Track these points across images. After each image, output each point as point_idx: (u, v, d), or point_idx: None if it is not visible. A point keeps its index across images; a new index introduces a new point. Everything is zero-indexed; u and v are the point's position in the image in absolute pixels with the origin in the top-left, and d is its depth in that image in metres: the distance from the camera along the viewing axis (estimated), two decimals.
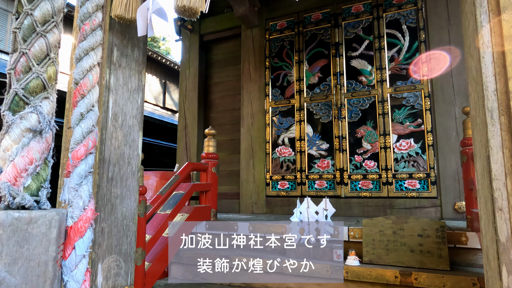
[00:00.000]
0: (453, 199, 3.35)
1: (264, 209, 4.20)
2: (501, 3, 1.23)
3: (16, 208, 0.51)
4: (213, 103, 5.04)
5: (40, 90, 0.55)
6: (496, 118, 1.22)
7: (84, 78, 0.68)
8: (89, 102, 0.69)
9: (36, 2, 0.56)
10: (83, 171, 0.66)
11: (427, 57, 3.61)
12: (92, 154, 0.68)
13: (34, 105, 0.53)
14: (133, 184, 2.21)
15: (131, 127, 2.26)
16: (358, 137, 3.87)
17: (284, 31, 4.48)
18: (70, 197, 0.64)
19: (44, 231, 0.51)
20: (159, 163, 9.81)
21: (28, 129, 0.52)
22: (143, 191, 2.40)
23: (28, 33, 0.55)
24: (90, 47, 0.70)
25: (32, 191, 0.53)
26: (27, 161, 0.52)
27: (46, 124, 0.53)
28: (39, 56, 0.55)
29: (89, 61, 0.70)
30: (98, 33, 0.73)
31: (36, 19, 0.55)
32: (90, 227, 0.64)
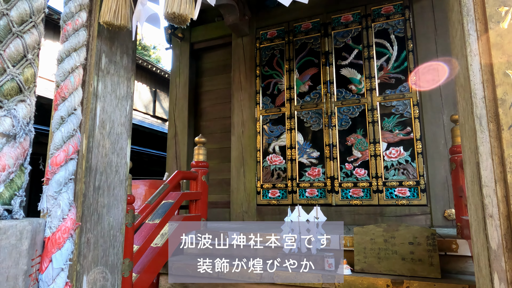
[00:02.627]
0: (443, 207, 3.37)
1: (255, 217, 4.15)
2: (488, 12, 1.24)
3: None
4: (204, 111, 5.01)
5: (15, 93, 0.52)
6: (485, 124, 1.22)
7: (65, 80, 0.66)
8: (70, 105, 0.66)
9: (12, 1, 0.54)
10: (63, 178, 0.62)
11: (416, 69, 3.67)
12: (73, 160, 0.64)
13: (8, 109, 0.50)
14: (120, 193, 2.16)
15: (119, 135, 2.22)
16: (348, 145, 3.88)
17: (274, 40, 4.50)
18: (49, 206, 0.60)
19: (14, 242, 0.47)
20: (149, 171, 9.69)
21: (1, 133, 0.49)
22: (131, 200, 2.35)
23: (4, 33, 0.52)
24: (72, 48, 0.68)
25: (4, 199, 0.49)
26: (0, 168, 0.49)
27: (20, 128, 0.50)
28: (15, 57, 0.52)
29: (70, 63, 0.67)
30: (81, 34, 0.71)
31: (12, 19, 0.53)
32: (70, 238, 0.60)
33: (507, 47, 1.20)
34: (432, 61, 3.59)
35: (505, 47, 1.20)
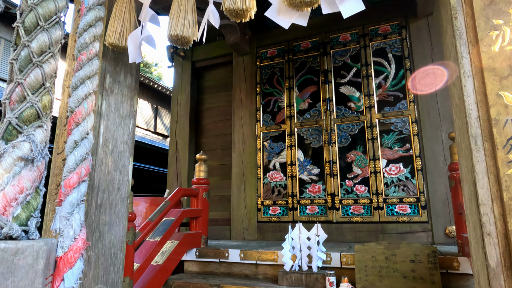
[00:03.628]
0: (444, 224, 3.36)
1: (255, 235, 4.14)
2: (479, 36, 1.30)
3: (3, 238, 0.50)
4: (205, 128, 5.06)
5: (34, 119, 0.55)
6: (480, 144, 1.26)
7: (79, 107, 0.69)
8: (84, 130, 0.69)
9: (33, 34, 0.58)
10: (75, 199, 0.65)
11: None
12: (85, 182, 0.67)
13: (27, 134, 0.54)
14: (122, 211, 2.18)
15: (122, 153, 2.25)
16: (348, 162, 3.91)
17: (274, 59, 4.59)
18: (61, 226, 0.63)
19: (31, 262, 0.50)
20: (149, 188, 9.67)
21: (20, 157, 0.52)
22: (132, 218, 2.36)
23: (25, 63, 0.56)
24: (86, 76, 0.72)
25: (21, 220, 0.52)
26: (18, 190, 0.52)
27: (38, 152, 0.54)
28: (35, 85, 0.56)
29: (84, 90, 0.71)
30: (95, 62, 0.75)
31: (33, 50, 0.57)
32: (80, 257, 0.62)
33: (499, 69, 1.24)
34: (429, 80, 3.66)
35: (497, 69, 1.25)
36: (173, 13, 1.97)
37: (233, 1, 1.81)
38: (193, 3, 2.01)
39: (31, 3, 0.59)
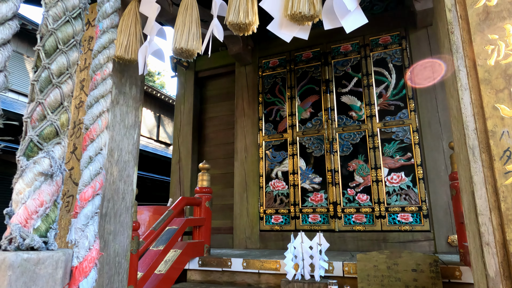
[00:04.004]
0: (446, 233, 3.37)
1: (258, 244, 4.14)
2: (475, 50, 1.34)
3: (25, 249, 0.53)
4: (207, 137, 5.10)
5: (53, 136, 0.59)
6: (478, 155, 1.29)
7: (94, 124, 0.73)
8: (98, 146, 0.73)
9: (53, 56, 0.62)
10: (90, 212, 0.69)
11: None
12: (99, 195, 0.71)
13: (47, 151, 0.58)
14: (126, 220, 2.21)
15: (127, 163, 2.29)
16: (350, 170, 3.93)
17: (276, 69, 4.66)
18: (77, 237, 0.66)
19: (51, 271, 0.53)
20: (152, 196, 9.70)
21: (40, 173, 0.56)
22: (136, 227, 2.39)
23: (45, 84, 0.60)
24: (100, 95, 0.76)
25: (41, 232, 0.55)
26: (38, 204, 0.55)
27: (57, 168, 0.57)
28: (54, 105, 0.60)
29: (99, 108, 0.75)
30: (108, 82, 0.79)
31: (53, 72, 0.61)
32: (94, 267, 0.65)
33: (495, 83, 1.28)
34: (429, 89, 3.70)
35: (493, 82, 1.29)
36: (178, 27, 2.03)
37: (236, 15, 1.87)
38: (197, 17, 2.07)
39: (51, 28, 0.63)
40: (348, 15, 1.77)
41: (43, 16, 0.66)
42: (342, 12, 1.75)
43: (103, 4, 0.84)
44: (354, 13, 1.77)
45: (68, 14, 0.64)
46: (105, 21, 0.83)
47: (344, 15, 1.77)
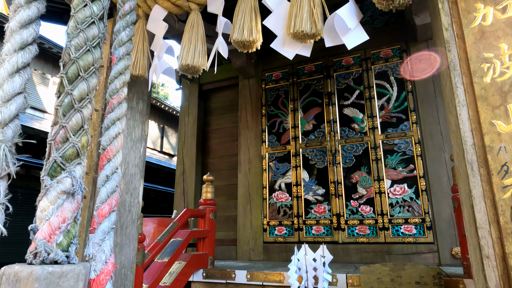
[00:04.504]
0: (450, 245, 3.36)
1: (261, 255, 4.15)
2: (472, 68, 1.38)
3: (49, 263, 0.57)
4: (211, 149, 5.16)
5: (74, 157, 0.64)
6: (476, 170, 1.32)
7: (110, 145, 0.78)
8: (114, 166, 0.78)
9: (75, 83, 0.67)
10: (107, 227, 0.73)
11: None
12: (114, 211, 0.75)
13: (69, 171, 0.62)
14: (132, 232, 2.24)
15: (133, 176, 2.34)
16: (353, 182, 3.96)
17: (279, 81, 4.73)
18: (94, 252, 0.71)
19: (73, 284, 0.57)
20: (156, 208, 9.71)
21: (63, 191, 0.61)
22: (141, 239, 2.42)
23: (67, 109, 0.65)
24: (116, 117, 0.81)
25: (63, 247, 0.60)
26: (61, 220, 0.60)
27: (78, 186, 0.62)
28: (75, 128, 0.65)
29: (115, 130, 0.80)
30: (124, 105, 0.85)
31: (75, 98, 0.66)
32: (110, 279, 0.69)
33: (491, 99, 1.32)
34: (431, 101, 3.75)
35: (489, 99, 1.33)
36: (184, 44, 2.10)
37: (240, 33, 1.93)
38: (203, 34, 2.14)
39: (73, 57, 0.69)
40: (349, 32, 1.82)
41: (65, 46, 0.72)
42: (343, 29, 1.81)
43: (119, 33, 0.90)
44: (355, 30, 1.83)
45: (88, 44, 0.69)
46: (121, 49, 0.89)
47: (345, 33, 1.82)
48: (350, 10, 1.71)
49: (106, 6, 0.75)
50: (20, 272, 0.57)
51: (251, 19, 1.91)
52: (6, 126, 0.82)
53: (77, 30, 0.70)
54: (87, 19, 0.71)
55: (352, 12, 1.73)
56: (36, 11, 0.97)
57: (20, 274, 0.56)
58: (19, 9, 0.96)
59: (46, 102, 9.53)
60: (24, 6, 0.95)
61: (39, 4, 0.99)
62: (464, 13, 1.44)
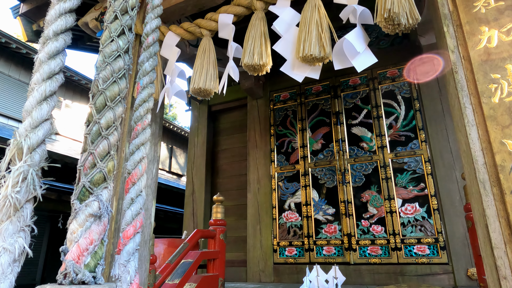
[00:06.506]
0: (465, 265, 3.29)
1: (272, 277, 4.09)
2: (479, 88, 1.41)
3: (78, 283, 0.60)
4: (220, 169, 5.19)
5: (101, 181, 0.68)
6: (489, 189, 1.32)
7: (135, 169, 0.82)
8: (138, 189, 0.82)
9: (102, 112, 0.72)
10: (132, 249, 0.76)
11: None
12: (139, 233, 0.78)
13: (96, 195, 0.66)
14: (144, 253, 2.25)
15: (146, 197, 2.37)
16: (363, 201, 3.93)
17: (287, 102, 4.80)
18: (120, 272, 0.73)
19: None
20: (164, 228, 9.68)
21: (90, 214, 0.64)
22: (153, 260, 2.42)
23: (95, 137, 0.70)
24: (140, 143, 0.86)
25: (90, 267, 0.62)
26: (88, 242, 0.63)
27: (104, 210, 0.65)
28: (102, 154, 0.69)
29: (139, 155, 0.84)
30: (147, 131, 0.89)
31: (102, 126, 0.71)
32: None
33: (500, 119, 1.34)
34: (439, 120, 3.76)
35: (498, 119, 1.35)
36: (196, 68, 2.17)
37: (251, 57, 2.00)
38: (214, 59, 2.22)
39: (101, 88, 0.74)
40: (358, 55, 1.87)
41: (94, 78, 0.77)
42: (352, 53, 1.86)
43: (143, 64, 0.96)
44: (364, 54, 1.88)
45: (115, 76, 0.74)
46: (145, 78, 0.95)
47: (354, 56, 1.87)
48: (358, 35, 1.77)
49: (131, 40, 0.81)
50: None
51: (261, 44, 1.98)
52: (34, 151, 0.87)
53: (104, 63, 0.76)
54: (113, 53, 0.77)
55: (360, 36, 1.78)
56: (63, 42, 1.03)
57: None
58: (47, 41, 1.03)
59: (59, 125, 9.74)
60: (52, 38, 1.02)
61: (65, 36, 1.06)
62: (470, 36, 1.49)
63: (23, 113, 0.97)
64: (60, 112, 9.89)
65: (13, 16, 4.07)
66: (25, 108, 0.96)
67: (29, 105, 0.94)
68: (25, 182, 0.81)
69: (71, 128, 10.00)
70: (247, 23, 2.07)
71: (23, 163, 0.81)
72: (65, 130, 9.87)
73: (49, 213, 7.74)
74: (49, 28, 1.06)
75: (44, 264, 8.08)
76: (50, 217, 8.04)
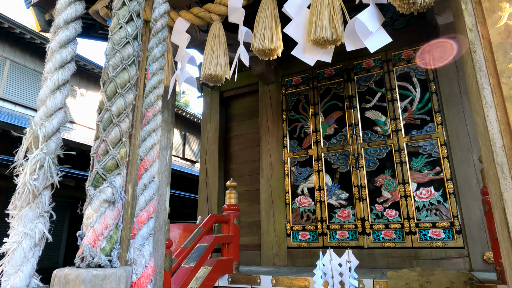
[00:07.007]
0: (481, 249, 3.25)
1: (285, 261, 4.14)
2: (498, 68, 1.36)
3: (94, 266, 0.62)
4: (233, 155, 5.22)
5: (114, 168, 0.69)
6: (507, 172, 1.29)
7: (147, 155, 0.83)
8: (151, 175, 0.83)
9: (113, 100, 0.73)
10: (146, 233, 0.77)
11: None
12: (152, 218, 0.80)
13: (109, 181, 0.67)
14: (160, 238, 2.31)
15: (160, 183, 2.41)
16: (377, 186, 3.90)
17: (299, 86, 4.74)
18: (135, 256, 0.75)
19: (115, 286, 0.61)
20: (179, 214, 9.87)
21: (105, 200, 0.66)
22: (169, 244, 2.48)
23: (107, 124, 0.71)
24: (152, 129, 0.86)
25: (106, 251, 0.64)
26: (103, 227, 0.64)
27: (118, 195, 0.67)
28: (114, 141, 0.70)
29: (151, 141, 0.85)
30: (158, 118, 0.90)
31: (113, 113, 0.71)
32: (150, 282, 0.74)
33: None
34: (456, 102, 3.66)
35: None
36: (207, 54, 2.16)
37: (261, 41, 1.97)
38: (225, 44, 2.20)
39: (111, 76, 0.74)
40: (371, 35, 1.82)
41: (104, 66, 0.77)
42: (365, 33, 1.81)
43: (153, 50, 0.96)
44: (377, 33, 1.82)
45: (124, 63, 0.74)
46: (154, 65, 0.95)
47: (367, 36, 1.82)
48: (371, 14, 1.72)
49: (139, 26, 0.81)
50: (69, 275, 0.62)
51: (272, 27, 1.94)
52: (49, 139, 0.89)
53: (113, 51, 0.76)
54: (122, 40, 0.77)
55: (373, 16, 1.73)
56: (74, 31, 1.04)
57: (69, 277, 0.61)
58: (58, 30, 1.04)
59: (74, 113, 9.93)
60: (63, 27, 1.03)
61: (76, 24, 1.06)
62: (489, 13, 1.42)
63: (38, 102, 0.99)
64: (75, 101, 10.06)
65: (26, 6, 4.11)
66: (39, 98, 0.98)
67: (43, 94, 0.96)
68: (42, 170, 0.83)
69: (87, 117, 10.17)
70: (257, 6, 2.03)
71: (39, 151, 0.83)
72: (81, 119, 10.06)
73: (69, 200, 7.99)
74: (60, 17, 1.06)
75: (65, 248, 8.40)
76: (69, 203, 8.30)
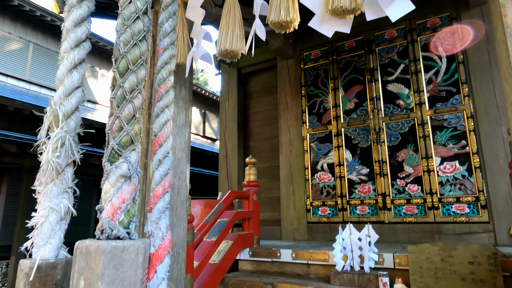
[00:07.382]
0: (508, 224, 3.17)
1: (305, 235, 4.20)
2: None
3: (113, 238, 0.65)
4: (252, 132, 5.22)
5: (129, 144, 0.70)
6: None
7: (161, 131, 0.84)
8: (165, 150, 0.84)
9: (125, 76, 0.73)
10: (162, 207, 0.80)
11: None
12: (168, 192, 0.82)
13: (125, 156, 0.69)
14: (182, 213, 2.38)
15: (180, 160, 2.46)
16: (399, 160, 3.82)
17: (318, 60, 4.62)
18: (152, 229, 0.78)
19: (134, 257, 0.64)
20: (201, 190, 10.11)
21: (121, 175, 0.67)
22: (190, 219, 2.55)
23: (120, 100, 0.71)
24: (165, 105, 0.87)
25: (124, 224, 0.67)
26: (121, 201, 0.67)
27: (134, 170, 0.68)
28: (128, 117, 0.71)
29: (164, 117, 0.86)
30: (171, 93, 0.90)
31: (126, 89, 0.72)
32: (168, 254, 0.77)
33: None
34: (485, 71, 3.47)
35: None
36: (222, 29, 2.12)
37: (277, 14, 1.91)
38: (240, 18, 2.15)
39: (122, 52, 0.74)
40: (392, 3, 1.72)
41: (115, 42, 0.77)
42: (386, 1, 1.72)
43: (163, 24, 0.94)
44: (399, 1, 1.73)
45: (135, 38, 0.74)
46: (165, 40, 0.94)
47: (388, 4, 1.73)
48: None
49: (149, 0, 0.79)
50: (90, 246, 0.65)
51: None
52: (69, 118, 0.91)
53: (124, 26, 0.75)
54: (132, 15, 0.76)
55: None
56: (87, 9, 1.04)
57: (90, 248, 0.64)
58: (72, 9, 1.04)
59: (96, 94, 10.15)
60: (76, 5, 1.03)
61: (89, 2, 1.06)
62: None
63: (56, 82, 1.01)
64: (97, 82, 10.25)
65: None
66: (57, 77, 1.00)
67: (60, 73, 0.97)
68: (64, 148, 0.86)
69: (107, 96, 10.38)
70: None
71: (60, 129, 0.86)
72: (103, 99, 10.27)
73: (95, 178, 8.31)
74: None
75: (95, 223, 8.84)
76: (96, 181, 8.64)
